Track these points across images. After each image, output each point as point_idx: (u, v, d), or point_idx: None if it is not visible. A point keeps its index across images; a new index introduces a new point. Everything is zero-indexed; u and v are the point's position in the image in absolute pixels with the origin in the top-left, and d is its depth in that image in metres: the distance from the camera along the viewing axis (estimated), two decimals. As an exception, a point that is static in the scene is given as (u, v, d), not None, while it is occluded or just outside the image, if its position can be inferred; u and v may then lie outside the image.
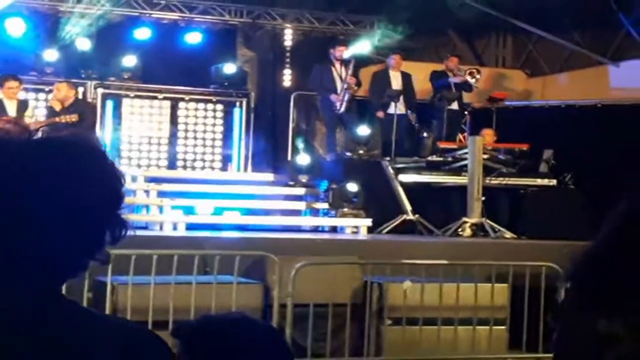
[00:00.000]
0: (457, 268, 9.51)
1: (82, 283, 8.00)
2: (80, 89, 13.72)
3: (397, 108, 14.04)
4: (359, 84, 14.38)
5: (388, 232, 12.33)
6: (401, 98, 14.24)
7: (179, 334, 2.22)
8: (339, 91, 14.10)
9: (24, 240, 1.60)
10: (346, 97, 14.09)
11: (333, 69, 14.23)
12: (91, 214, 1.65)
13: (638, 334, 1.63)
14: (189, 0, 15.34)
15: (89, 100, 13.81)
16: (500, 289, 9.45)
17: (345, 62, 14.25)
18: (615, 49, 16.04)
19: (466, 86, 14.69)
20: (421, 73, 15.06)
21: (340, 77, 14.14)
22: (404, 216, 12.53)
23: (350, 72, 14.14)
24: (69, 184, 1.63)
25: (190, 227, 11.34)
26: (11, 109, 11.52)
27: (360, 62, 14.86)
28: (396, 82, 14.47)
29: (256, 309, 8.80)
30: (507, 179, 13.04)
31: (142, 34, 15.05)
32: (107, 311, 8.01)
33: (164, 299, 8.21)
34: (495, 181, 12.91)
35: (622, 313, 1.65)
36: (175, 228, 11.28)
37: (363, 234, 12.05)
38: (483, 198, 12.48)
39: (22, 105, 11.78)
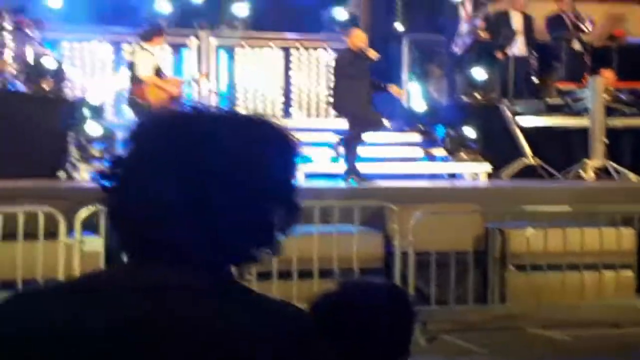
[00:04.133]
0: (580, 213, 9.30)
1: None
2: (194, 39, 13.81)
3: (517, 49, 13.67)
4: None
5: (508, 177, 12.14)
6: (521, 40, 13.87)
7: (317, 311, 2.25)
8: (463, 31, 13.68)
9: (196, 220, 1.55)
10: (470, 39, 13.69)
11: (461, 7, 13.83)
12: (269, 198, 1.59)
13: None
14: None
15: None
16: (626, 233, 9.24)
17: (477, 4, 13.87)
18: None
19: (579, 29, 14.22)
20: (541, 12, 14.63)
21: (466, 16, 13.73)
22: (524, 160, 12.31)
23: (481, 15, 13.72)
24: (252, 165, 1.57)
25: (307, 176, 11.34)
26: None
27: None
28: (517, 23, 14.05)
29: (378, 257, 8.80)
30: (630, 119, 12.66)
31: (253, -19, 14.96)
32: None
33: (287, 249, 8.23)
34: (617, 122, 12.56)
35: None
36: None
37: (483, 180, 11.88)
38: (606, 140, 12.16)
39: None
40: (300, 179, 1.63)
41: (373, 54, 11.36)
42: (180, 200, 1.54)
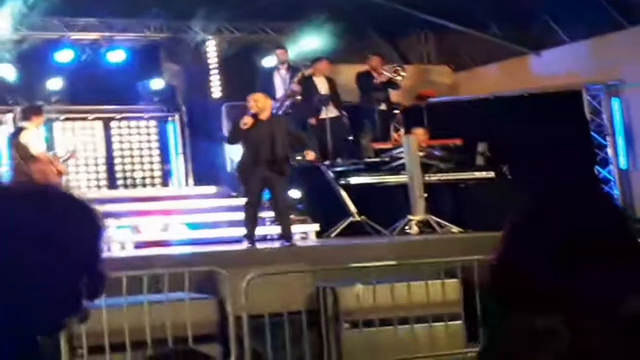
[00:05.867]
0: (406, 267, 9.53)
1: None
2: (10, 116, 13.45)
3: (329, 112, 14.00)
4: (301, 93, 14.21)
5: (336, 236, 12.31)
6: (330, 102, 14.19)
7: None
8: (278, 96, 13.93)
9: (4, 289, 1.59)
10: (287, 103, 13.94)
11: (276, 73, 14.09)
12: (71, 268, 1.64)
13: (574, 328, 1.74)
14: (108, 20, 15.05)
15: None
16: (451, 285, 9.46)
17: (293, 69, 14.16)
18: (536, 39, 16.23)
19: (392, 85, 14.68)
20: (347, 75, 15.07)
21: (284, 82, 13.99)
22: (350, 218, 12.52)
23: (296, 79, 14.00)
24: (51, 237, 1.63)
25: (138, 245, 11.19)
26: None
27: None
28: (323, 87, 14.37)
29: (212, 323, 8.71)
30: (445, 174, 13.12)
31: (65, 56, 14.78)
32: (64, 337, 7.84)
33: (118, 321, 8.06)
34: (434, 177, 12.98)
35: (559, 310, 1.76)
36: (123, 247, 11.13)
37: (312, 240, 12.01)
38: (425, 195, 12.55)
39: None
40: (106, 248, 1.74)
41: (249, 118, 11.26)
42: None
